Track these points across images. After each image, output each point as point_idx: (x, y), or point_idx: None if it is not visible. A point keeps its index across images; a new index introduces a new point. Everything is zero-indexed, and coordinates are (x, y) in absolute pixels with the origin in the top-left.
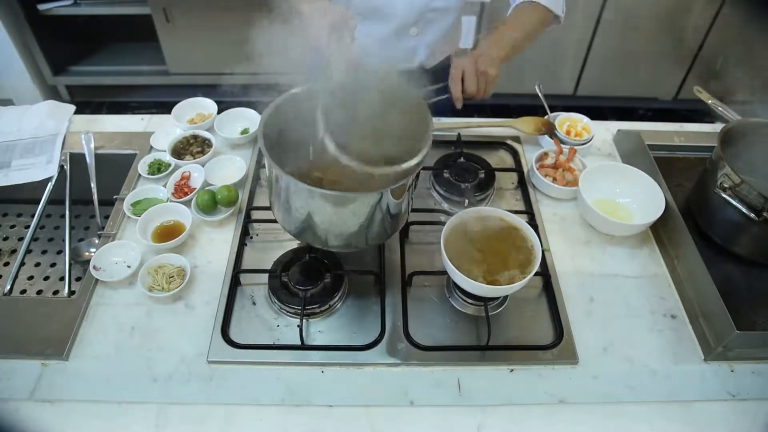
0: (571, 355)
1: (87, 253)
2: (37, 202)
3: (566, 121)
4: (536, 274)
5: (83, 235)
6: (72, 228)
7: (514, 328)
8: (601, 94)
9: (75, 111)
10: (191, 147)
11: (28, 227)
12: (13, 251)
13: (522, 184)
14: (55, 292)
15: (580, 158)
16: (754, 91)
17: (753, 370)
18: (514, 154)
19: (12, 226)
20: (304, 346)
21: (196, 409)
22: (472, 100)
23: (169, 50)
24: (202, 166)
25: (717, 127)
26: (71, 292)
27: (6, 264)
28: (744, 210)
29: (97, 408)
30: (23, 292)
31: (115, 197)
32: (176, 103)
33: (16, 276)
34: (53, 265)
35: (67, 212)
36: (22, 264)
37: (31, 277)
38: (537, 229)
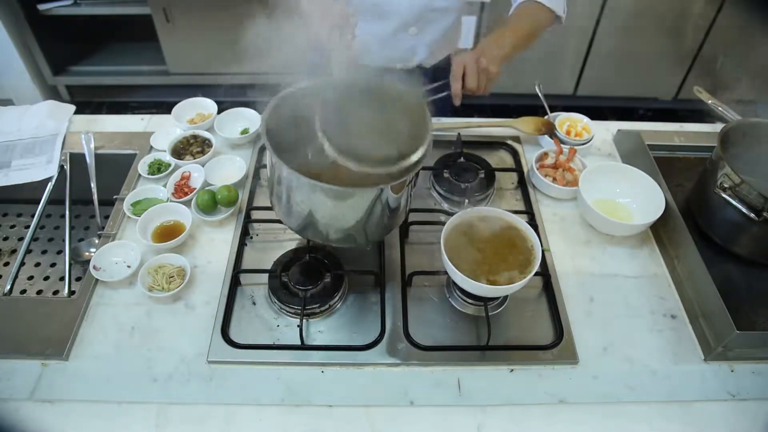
0: (571, 355)
1: (87, 253)
2: (37, 202)
3: (566, 121)
4: (536, 274)
5: (83, 235)
6: (72, 228)
7: (514, 328)
8: (601, 94)
9: (75, 111)
10: (191, 147)
11: (28, 227)
12: (13, 251)
13: (522, 184)
14: (55, 292)
15: (580, 158)
16: (754, 91)
17: (753, 370)
18: (514, 154)
19: (12, 226)
20: (304, 346)
21: (196, 409)
22: (471, 98)
23: (169, 50)
24: (202, 166)
25: (717, 127)
26: (71, 292)
27: (6, 264)
28: (744, 210)
29: (97, 408)
30: (23, 292)
31: (115, 197)
32: (176, 103)
33: (16, 276)
34: (53, 265)
35: (67, 212)
36: (22, 264)
37: (31, 277)
38: (537, 229)
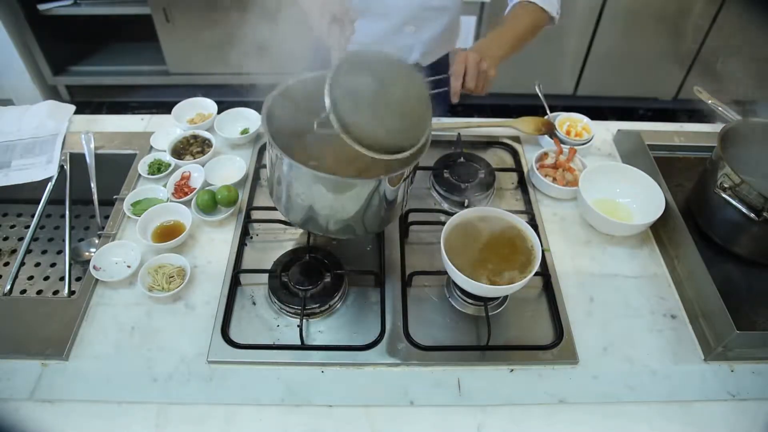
0: (571, 355)
1: (87, 253)
2: (37, 202)
3: (566, 121)
4: (536, 274)
5: (83, 235)
6: (72, 228)
7: (514, 328)
8: (601, 94)
9: (75, 111)
10: (191, 147)
11: (28, 227)
12: (13, 251)
13: (522, 184)
14: (55, 292)
15: (580, 158)
16: (754, 91)
17: (753, 370)
18: (514, 154)
19: (12, 226)
20: (304, 346)
21: (196, 409)
22: (470, 98)
23: (169, 50)
24: (202, 166)
25: (717, 127)
26: (71, 292)
27: (6, 264)
28: (744, 210)
29: (97, 408)
30: (23, 292)
31: (115, 197)
32: (176, 103)
33: (16, 276)
34: (53, 265)
35: (67, 212)
36: (22, 264)
37: (31, 277)
38: (537, 229)
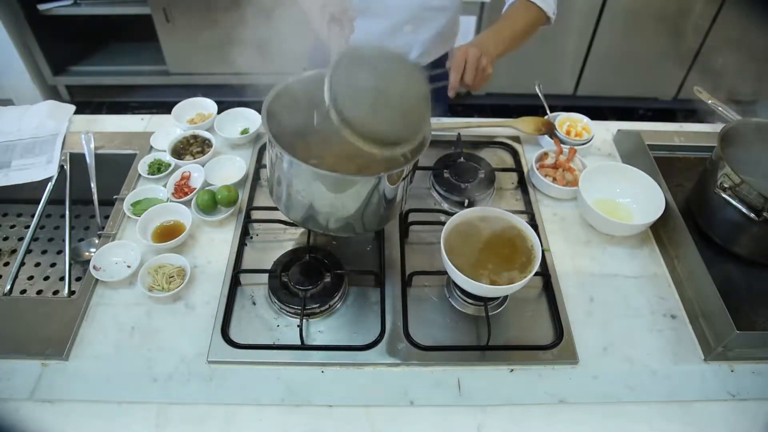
0: (571, 355)
1: (87, 253)
2: (37, 202)
3: (566, 121)
4: (536, 274)
5: (83, 235)
6: (72, 228)
7: (514, 328)
8: (601, 94)
9: (75, 111)
10: (191, 147)
11: (28, 227)
12: (13, 251)
13: (522, 184)
14: (55, 292)
15: (580, 158)
16: (754, 91)
17: (753, 370)
18: (514, 154)
19: (12, 226)
20: (304, 346)
21: (196, 409)
22: (469, 97)
23: (169, 50)
24: (202, 166)
25: (717, 127)
26: (71, 292)
27: (6, 264)
28: (744, 210)
29: (97, 408)
30: (23, 292)
31: (115, 197)
32: (176, 103)
33: (16, 276)
34: (53, 265)
35: (67, 212)
36: (22, 264)
37: (31, 277)
38: (537, 229)
